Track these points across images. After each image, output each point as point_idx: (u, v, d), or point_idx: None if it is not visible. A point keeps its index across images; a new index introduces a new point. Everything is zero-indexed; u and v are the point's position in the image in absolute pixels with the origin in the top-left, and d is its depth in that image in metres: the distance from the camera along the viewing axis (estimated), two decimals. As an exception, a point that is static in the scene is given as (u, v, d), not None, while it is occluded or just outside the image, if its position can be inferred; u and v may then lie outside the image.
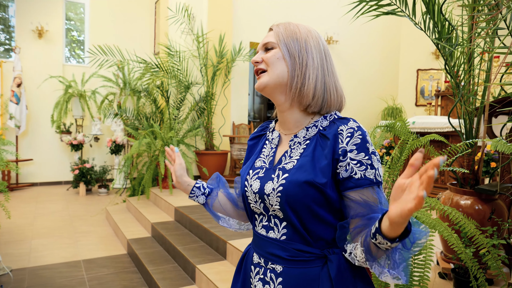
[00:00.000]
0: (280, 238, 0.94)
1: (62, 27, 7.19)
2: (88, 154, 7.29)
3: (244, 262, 1.06)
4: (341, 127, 0.91)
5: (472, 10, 2.26)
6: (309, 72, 0.93)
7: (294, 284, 0.92)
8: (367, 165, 0.86)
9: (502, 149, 1.57)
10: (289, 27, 0.96)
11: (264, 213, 0.97)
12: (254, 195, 0.97)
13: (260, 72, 0.97)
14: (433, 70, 7.74)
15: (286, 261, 0.93)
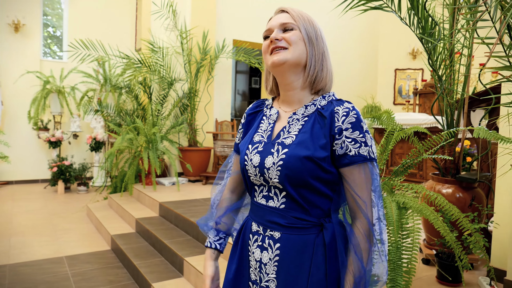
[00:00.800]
0: (279, 206, 0.98)
1: (39, 21, 7.00)
2: (66, 151, 7.13)
3: (242, 233, 1.10)
4: (337, 107, 0.96)
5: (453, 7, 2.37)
6: (325, 58, 1.01)
7: (290, 249, 0.97)
8: (361, 143, 0.92)
9: (484, 135, 1.66)
10: (303, 13, 1.02)
11: (265, 184, 1.01)
12: (254, 168, 1.01)
13: (279, 49, 0.99)
14: (410, 70, 7.97)
15: (284, 228, 0.98)
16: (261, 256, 1.01)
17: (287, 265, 0.97)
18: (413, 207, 1.82)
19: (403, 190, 1.96)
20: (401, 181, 2.03)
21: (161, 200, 4.18)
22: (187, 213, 3.62)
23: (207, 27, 5.74)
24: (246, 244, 1.06)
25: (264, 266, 1.00)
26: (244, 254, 1.07)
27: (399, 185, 2.00)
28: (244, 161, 1.05)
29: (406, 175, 2.08)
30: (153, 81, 5.55)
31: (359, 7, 2.16)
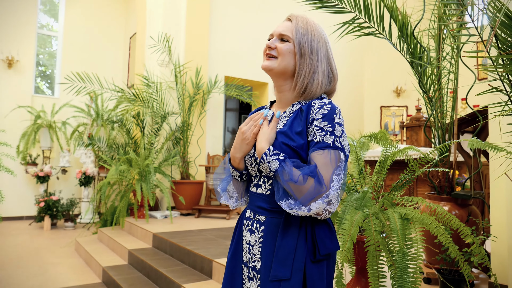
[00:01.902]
0: (266, 193, 1.11)
1: (33, 58, 7.12)
2: (54, 187, 6.99)
3: (239, 219, 1.22)
4: (314, 101, 1.08)
5: (439, 35, 2.56)
6: (317, 73, 1.10)
7: (272, 232, 1.08)
8: (327, 132, 1.02)
9: (477, 145, 1.76)
10: (306, 27, 1.11)
11: (258, 174, 1.13)
12: (250, 158, 1.13)
13: (270, 56, 1.13)
14: (394, 107, 8.27)
15: (268, 212, 1.10)
16: (250, 239, 1.13)
17: (268, 246, 1.07)
18: (415, 217, 1.87)
19: (404, 202, 2.01)
20: (400, 195, 2.09)
21: (155, 231, 4.11)
22: (183, 242, 3.56)
23: (200, 63, 5.94)
24: (241, 229, 1.19)
25: (251, 248, 1.12)
26: (240, 238, 1.19)
27: (399, 198, 2.06)
28: None
29: (405, 189, 2.14)
30: (147, 114, 5.63)
31: (353, 33, 2.32)
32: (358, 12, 2.35)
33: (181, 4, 5.95)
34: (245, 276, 1.15)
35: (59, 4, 7.87)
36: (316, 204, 0.96)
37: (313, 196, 0.96)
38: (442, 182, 2.52)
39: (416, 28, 2.47)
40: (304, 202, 0.97)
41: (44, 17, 7.96)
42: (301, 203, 0.97)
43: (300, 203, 0.98)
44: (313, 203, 0.96)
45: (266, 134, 1.08)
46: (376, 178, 2.13)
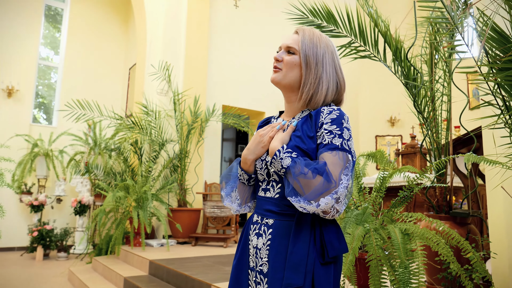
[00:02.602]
0: (275, 196, 1.13)
1: (33, 88, 7.22)
2: (48, 216, 6.89)
3: (246, 225, 1.22)
4: (323, 108, 1.12)
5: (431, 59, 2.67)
6: (322, 84, 1.15)
7: (281, 234, 1.09)
8: (336, 134, 1.06)
9: (474, 160, 1.80)
10: (312, 39, 1.17)
11: (266, 178, 1.16)
12: (261, 162, 1.16)
13: (277, 68, 1.19)
14: (389, 136, 8.39)
15: (277, 215, 1.11)
16: (257, 242, 1.13)
17: (276, 249, 1.08)
18: (415, 232, 1.88)
19: (403, 218, 2.03)
20: (400, 211, 2.11)
21: (151, 258, 4.03)
22: (180, 268, 3.50)
23: (199, 92, 6.05)
24: (248, 234, 1.19)
25: (259, 251, 1.12)
26: (246, 244, 1.18)
27: (399, 215, 2.08)
28: None
29: (404, 206, 2.16)
30: (145, 141, 5.66)
31: (350, 55, 2.42)
32: (354, 36, 2.46)
33: (180, 35, 6.14)
34: (252, 281, 1.14)
35: (60, 37, 8.09)
36: (325, 200, 0.97)
37: (322, 191, 0.97)
38: (440, 201, 2.54)
39: (409, 53, 2.58)
40: (313, 197, 0.98)
41: (45, 50, 8.15)
42: (310, 199, 0.98)
43: (308, 198, 0.99)
44: (322, 198, 0.97)
45: (280, 136, 1.12)
46: (375, 195, 2.15)
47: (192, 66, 6.10)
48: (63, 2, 8.25)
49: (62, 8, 8.22)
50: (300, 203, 1.00)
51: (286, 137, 1.11)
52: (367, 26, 2.43)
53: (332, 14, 2.44)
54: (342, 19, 2.44)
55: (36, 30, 7.39)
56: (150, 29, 6.27)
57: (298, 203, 1.00)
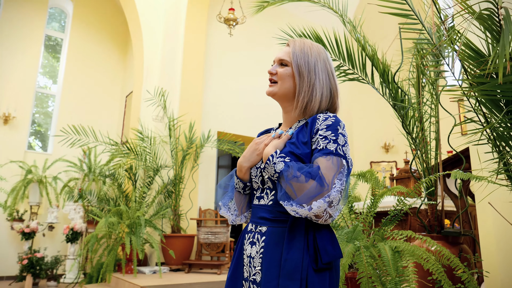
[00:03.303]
0: (268, 203, 1.13)
1: (29, 116, 7.28)
2: (39, 244, 6.76)
3: (241, 235, 1.21)
4: (319, 115, 1.15)
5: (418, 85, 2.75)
6: (316, 90, 1.18)
7: (274, 241, 1.08)
8: (331, 140, 1.07)
9: (460, 176, 1.83)
10: (303, 49, 1.21)
11: (260, 186, 1.16)
12: (256, 170, 1.17)
13: (272, 82, 1.23)
14: (384, 162, 8.43)
15: (270, 222, 1.11)
16: (251, 251, 1.12)
17: (269, 256, 1.07)
18: (406, 249, 1.88)
19: (394, 236, 2.03)
20: (391, 229, 2.11)
21: (143, 284, 3.95)
22: (172, 294, 3.43)
23: (194, 118, 6.12)
24: (242, 244, 1.18)
25: (252, 260, 1.11)
26: (241, 254, 1.17)
27: (389, 233, 2.08)
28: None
29: (394, 224, 2.17)
30: (139, 167, 5.67)
31: (339, 78, 2.49)
32: (343, 60, 2.55)
33: (177, 62, 6.28)
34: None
35: (58, 66, 8.24)
36: (317, 203, 0.97)
37: (315, 195, 0.97)
38: (431, 221, 2.55)
39: (397, 77, 2.66)
40: (305, 201, 0.97)
41: (43, 79, 8.28)
42: (302, 202, 0.98)
43: (301, 201, 0.98)
44: (314, 202, 0.97)
45: (274, 142, 1.13)
46: (366, 213, 2.16)
47: (188, 93, 6.20)
48: (62, 32, 8.46)
49: (61, 38, 8.42)
50: (292, 206, 1.00)
51: (281, 143, 1.12)
52: (355, 50, 2.52)
53: (321, 39, 2.54)
54: (330, 44, 2.53)
55: (35, 59, 7.52)
56: (148, 56, 6.42)
57: (290, 207, 1.00)
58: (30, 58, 7.44)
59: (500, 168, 1.69)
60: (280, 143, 1.13)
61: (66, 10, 8.47)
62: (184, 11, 6.30)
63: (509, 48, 1.08)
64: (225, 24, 4.90)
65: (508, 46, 1.08)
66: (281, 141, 1.13)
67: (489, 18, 1.21)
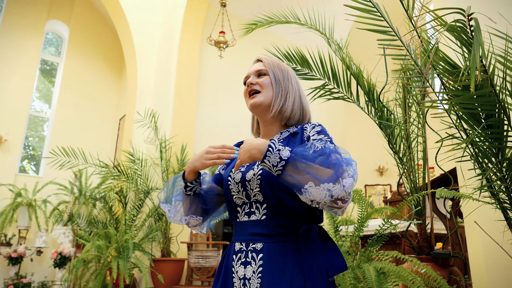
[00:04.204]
0: (261, 218, 1.05)
1: (21, 139, 7.25)
2: (27, 269, 6.58)
3: (225, 259, 1.12)
4: (306, 125, 1.15)
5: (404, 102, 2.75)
6: (289, 96, 1.19)
7: (273, 258, 0.99)
8: (327, 141, 1.02)
9: (445, 194, 1.80)
10: (275, 61, 1.26)
11: (246, 201, 1.09)
12: (236, 185, 1.10)
13: (254, 92, 1.21)
14: (379, 185, 8.38)
15: (266, 237, 1.02)
16: (245, 272, 1.02)
17: (270, 274, 0.98)
18: (391, 270, 1.82)
19: (380, 257, 1.97)
20: (377, 250, 2.05)
21: (128, 311, 3.81)
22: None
23: (186, 140, 6.10)
24: (230, 267, 1.07)
25: (248, 282, 1.01)
26: (228, 279, 1.06)
27: (376, 253, 2.02)
28: (227, 182, 1.14)
29: (380, 245, 2.11)
30: (130, 189, 5.59)
31: (322, 97, 2.49)
32: (327, 79, 2.55)
33: (170, 84, 6.32)
34: None
35: (53, 90, 8.28)
36: (347, 180, 0.87)
37: (341, 173, 0.87)
38: (420, 242, 2.48)
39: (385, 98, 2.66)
40: (335, 179, 0.86)
41: (39, 103, 8.31)
42: (331, 181, 0.86)
43: (329, 180, 0.86)
44: (344, 179, 0.87)
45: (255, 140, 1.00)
46: (353, 232, 2.11)
47: (180, 115, 6.21)
48: (58, 56, 8.55)
49: (57, 63, 8.50)
50: (320, 186, 0.86)
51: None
52: (339, 69, 2.52)
53: (306, 59, 2.55)
54: (315, 63, 2.54)
55: (29, 83, 7.56)
56: (141, 79, 6.45)
57: (318, 189, 0.86)
58: (24, 81, 7.48)
59: (484, 185, 1.66)
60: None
61: (62, 35, 8.60)
62: (178, 35, 6.39)
63: (479, 59, 1.07)
64: (215, 47, 4.95)
65: (479, 57, 1.07)
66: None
67: (461, 30, 1.20)
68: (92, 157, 5.30)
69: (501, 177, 1.53)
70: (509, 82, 1.34)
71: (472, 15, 1.11)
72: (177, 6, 6.60)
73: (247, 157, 0.96)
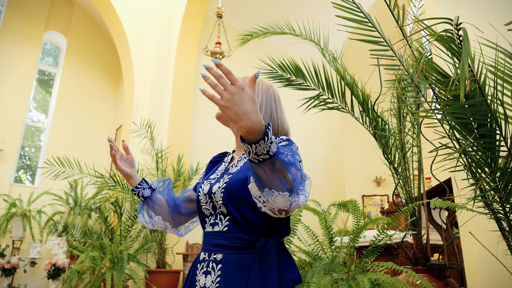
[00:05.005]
0: (223, 229, 1.07)
1: (17, 149, 7.22)
2: (20, 280, 6.50)
3: (192, 266, 1.15)
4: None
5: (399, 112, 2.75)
6: (262, 108, 1.19)
7: (231, 269, 1.02)
8: (288, 154, 0.96)
9: (440, 205, 1.79)
10: (245, 78, 1.25)
11: (213, 212, 1.12)
12: (204, 196, 1.13)
13: None
14: (376, 196, 8.35)
15: (226, 248, 1.05)
16: (205, 281, 1.06)
17: (227, 285, 1.01)
18: (386, 281, 1.80)
19: (375, 268, 1.95)
20: (372, 261, 2.03)
21: (121, 323, 3.75)
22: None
23: (182, 150, 6.08)
24: (194, 275, 1.11)
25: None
26: (192, 286, 1.11)
27: (371, 265, 2.00)
28: (198, 192, 1.17)
29: (375, 256, 2.09)
30: (126, 199, 5.55)
31: (317, 107, 2.49)
32: (322, 89, 2.56)
33: (166, 94, 6.33)
34: None
35: (50, 100, 8.27)
36: (301, 197, 0.87)
37: (302, 186, 0.88)
38: (416, 253, 2.46)
39: (380, 108, 2.66)
40: (296, 192, 0.86)
41: (36, 114, 8.29)
42: (293, 192, 0.86)
43: (293, 190, 0.86)
44: (301, 195, 0.87)
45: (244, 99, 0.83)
46: (348, 243, 2.09)
47: (176, 125, 6.20)
48: (55, 67, 8.57)
49: (55, 73, 8.52)
50: (283, 196, 0.85)
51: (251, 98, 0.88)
52: (334, 79, 2.53)
53: (300, 69, 2.56)
54: (309, 73, 2.54)
55: (26, 93, 7.56)
56: (138, 89, 6.46)
57: (282, 197, 0.85)
58: (21, 91, 7.48)
59: (478, 195, 1.65)
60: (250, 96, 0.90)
61: (60, 45, 8.63)
62: (175, 46, 6.42)
63: (467, 68, 1.07)
64: (211, 57, 4.97)
65: (467, 66, 1.07)
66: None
67: (450, 40, 1.21)
68: (87, 167, 5.27)
69: (494, 187, 1.53)
70: (500, 92, 1.34)
71: (461, 25, 1.12)
72: (174, 17, 6.65)
73: (235, 115, 0.82)
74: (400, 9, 1.50)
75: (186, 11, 6.37)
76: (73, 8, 8.48)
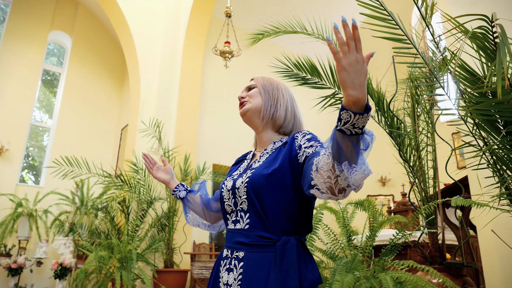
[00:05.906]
0: (245, 227, 1.09)
1: (23, 149, 7.22)
2: (26, 280, 6.50)
3: (216, 264, 1.17)
4: (296, 134, 1.14)
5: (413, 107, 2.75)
6: (280, 103, 1.23)
7: (253, 267, 1.02)
8: (317, 146, 1.04)
9: (461, 203, 1.78)
10: (265, 77, 1.31)
11: (234, 209, 1.13)
12: (227, 192, 1.15)
13: (243, 103, 1.27)
14: (381, 196, 8.34)
15: (247, 246, 1.06)
16: (227, 279, 1.07)
17: (248, 283, 1.01)
18: (408, 279, 1.80)
19: (395, 266, 1.95)
20: (391, 260, 2.03)
21: (132, 323, 3.75)
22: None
23: (189, 150, 6.08)
24: (218, 271, 1.13)
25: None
26: (216, 283, 1.12)
27: (390, 263, 1.99)
28: (221, 188, 1.19)
29: (395, 254, 2.09)
30: (133, 199, 5.55)
31: (333, 106, 2.48)
32: (337, 88, 2.55)
33: (173, 94, 6.33)
34: None
35: (55, 101, 8.27)
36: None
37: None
38: (432, 252, 2.46)
39: (394, 107, 2.66)
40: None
41: (39, 114, 8.29)
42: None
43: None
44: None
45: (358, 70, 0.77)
46: (365, 241, 2.09)
47: (183, 125, 6.20)
48: (60, 67, 8.57)
49: (59, 73, 8.52)
50: (359, 171, 0.84)
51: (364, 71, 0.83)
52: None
53: (316, 67, 2.55)
54: (325, 72, 2.54)
55: (31, 93, 7.56)
56: (144, 89, 6.46)
57: (360, 173, 0.85)
58: (26, 91, 7.48)
59: (502, 193, 1.65)
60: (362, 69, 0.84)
61: (64, 45, 8.63)
62: (181, 45, 6.42)
63: (506, 64, 1.07)
64: (221, 57, 4.98)
65: (506, 63, 1.07)
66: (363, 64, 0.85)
67: (483, 37, 1.20)
68: (95, 166, 5.27)
69: (520, 185, 1.53)
70: (529, 89, 1.34)
71: (496, 21, 1.12)
72: (180, 17, 6.65)
73: (350, 82, 0.77)
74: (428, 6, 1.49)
75: (192, 10, 6.37)
76: (78, 8, 8.48)
